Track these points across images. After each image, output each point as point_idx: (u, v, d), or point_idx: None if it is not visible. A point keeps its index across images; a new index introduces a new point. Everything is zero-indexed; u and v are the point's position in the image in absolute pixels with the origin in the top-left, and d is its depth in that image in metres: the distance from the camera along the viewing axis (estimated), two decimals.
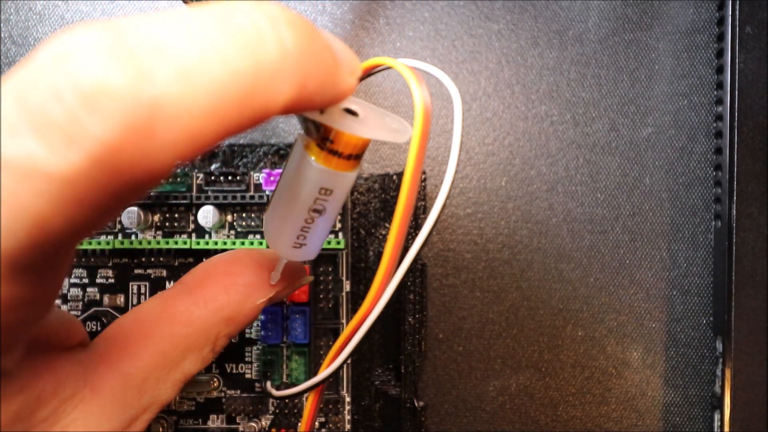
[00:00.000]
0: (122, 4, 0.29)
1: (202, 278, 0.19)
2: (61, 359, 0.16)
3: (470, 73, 0.29)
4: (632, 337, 0.28)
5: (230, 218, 0.25)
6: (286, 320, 0.25)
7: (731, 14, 0.26)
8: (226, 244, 0.25)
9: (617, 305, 0.28)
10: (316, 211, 0.16)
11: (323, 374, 0.18)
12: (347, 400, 0.26)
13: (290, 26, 0.12)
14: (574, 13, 0.29)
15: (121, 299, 0.26)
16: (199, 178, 0.25)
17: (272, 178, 0.25)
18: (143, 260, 0.26)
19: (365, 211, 0.27)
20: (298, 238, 0.17)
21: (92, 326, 0.25)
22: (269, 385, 0.24)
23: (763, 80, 0.26)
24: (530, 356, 0.28)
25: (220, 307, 0.18)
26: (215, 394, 0.26)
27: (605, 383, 0.28)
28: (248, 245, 0.25)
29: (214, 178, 0.25)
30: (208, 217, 0.25)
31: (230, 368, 0.26)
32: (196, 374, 0.18)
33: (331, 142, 0.15)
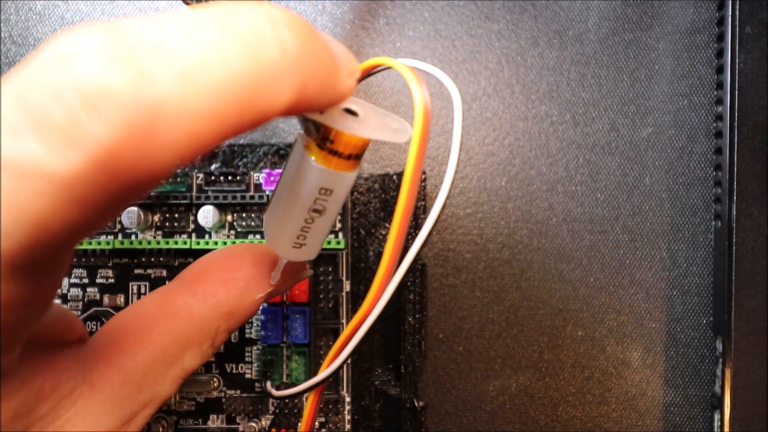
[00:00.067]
0: (122, 4, 0.29)
1: (201, 273, 0.19)
2: (59, 356, 0.15)
3: (470, 73, 0.29)
4: (632, 337, 0.28)
5: (230, 218, 0.25)
6: (286, 320, 0.25)
7: (731, 14, 0.26)
8: (226, 244, 0.25)
9: (617, 305, 0.28)
10: (316, 211, 0.16)
11: (323, 374, 0.18)
12: (347, 400, 0.26)
13: (290, 27, 0.12)
14: (574, 13, 0.29)
15: (121, 299, 0.26)
16: (199, 178, 0.25)
17: (272, 178, 0.25)
18: (143, 260, 0.26)
19: (365, 211, 0.27)
20: (298, 238, 0.17)
21: (92, 326, 0.25)
22: (269, 385, 0.24)
23: (763, 80, 0.26)
24: (530, 356, 0.28)
25: (219, 301, 0.18)
26: (215, 394, 0.26)
27: (605, 383, 0.28)
28: None
29: (214, 178, 0.25)
30: (208, 217, 0.25)
31: (230, 368, 0.26)
32: (196, 369, 0.18)
33: (331, 142, 0.15)
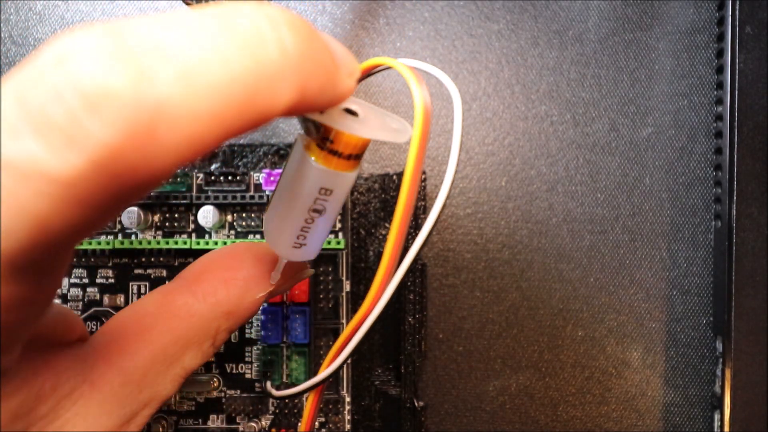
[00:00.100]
0: (122, 4, 0.29)
1: (200, 273, 0.18)
2: (59, 355, 0.15)
3: (470, 73, 0.29)
4: (632, 337, 0.28)
5: (230, 218, 0.25)
6: (286, 320, 0.25)
7: (731, 14, 0.26)
8: (226, 244, 0.25)
9: (617, 305, 0.28)
10: (316, 211, 0.16)
11: (323, 374, 0.18)
12: (347, 400, 0.26)
13: (290, 28, 0.12)
14: (574, 13, 0.29)
15: (121, 299, 0.26)
16: (199, 178, 0.25)
17: (272, 178, 0.25)
18: (143, 260, 0.26)
19: (365, 211, 0.27)
20: (298, 238, 0.17)
21: (92, 326, 0.25)
22: (269, 385, 0.24)
23: (763, 80, 0.26)
24: (530, 356, 0.28)
25: (219, 301, 0.18)
26: (215, 394, 0.26)
27: (605, 383, 0.28)
28: None
29: (214, 178, 0.25)
30: (208, 217, 0.25)
31: (230, 368, 0.26)
32: (197, 369, 0.18)
33: (331, 142, 0.15)
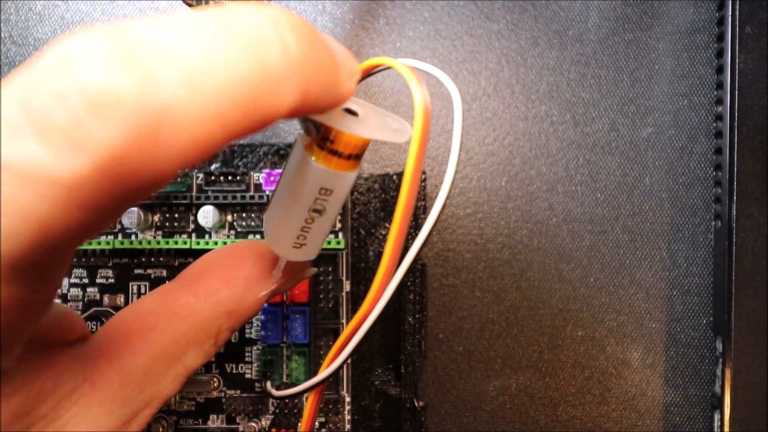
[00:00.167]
0: (122, 4, 0.29)
1: (202, 272, 0.18)
2: (60, 355, 0.15)
3: (470, 73, 0.29)
4: (632, 337, 0.28)
5: (230, 218, 0.25)
6: (286, 320, 0.25)
7: (731, 14, 0.26)
8: (226, 244, 0.25)
9: (617, 305, 0.28)
10: (316, 211, 0.16)
11: (323, 374, 0.18)
12: (347, 400, 0.26)
13: (293, 30, 0.12)
14: (574, 13, 0.29)
15: (121, 299, 0.26)
16: (199, 178, 0.25)
17: (272, 178, 0.25)
18: (143, 260, 0.26)
19: (365, 211, 0.27)
20: (298, 238, 0.17)
21: (92, 326, 0.25)
22: (269, 385, 0.24)
23: (763, 80, 0.26)
24: (530, 356, 0.28)
25: (221, 300, 0.18)
26: (215, 394, 0.26)
27: (605, 383, 0.28)
28: None
29: (214, 178, 0.25)
30: (208, 217, 0.25)
31: (230, 368, 0.26)
32: (198, 368, 0.18)
33: (331, 142, 0.15)
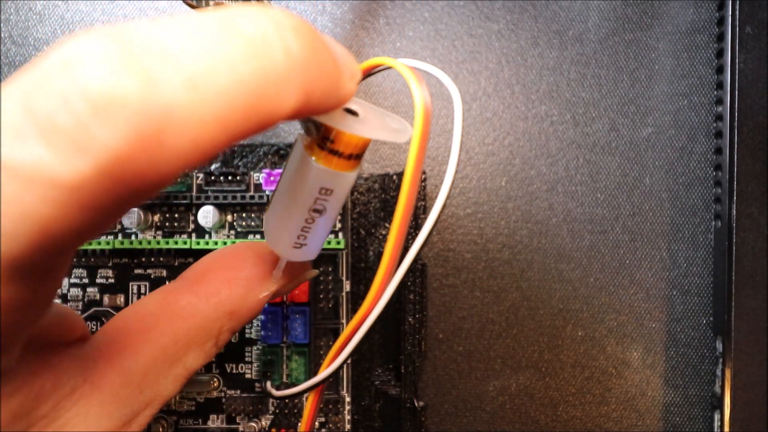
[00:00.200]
0: (122, 4, 0.29)
1: (203, 272, 0.18)
2: (60, 355, 0.15)
3: (470, 73, 0.29)
4: (632, 337, 0.28)
5: (230, 218, 0.25)
6: (286, 320, 0.25)
7: (731, 14, 0.26)
8: (226, 244, 0.25)
9: (617, 305, 0.28)
10: (316, 211, 0.16)
11: (323, 374, 0.18)
12: (347, 400, 0.26)
13: (295, 32, 0.12)
14: (574, 13, 0.29)
15: (121, 299, 0.26)
16: (199, 178, 0.25)
17: (272, 178, 0.25)
18: (143, 260, 0.26)
19: (365, 211, 0.27)
20: (298, 238, 0.17)
21: (92, 326, 0.25)
22: (269, 385, 0.24)
23: (763, 80, 0.26)
24: (530, 356, 0.28)
25: (222, 301, 0.18)
26: (215, 394, 0.26)
27: (605, 383, 0.28)
28: None
29: (214, 178, 0.25)
30: (208, 217, 0.25)
31: (230, 368, 0.26)
32: (199, 369, 0.18)
33: (331, 142, 0.15)
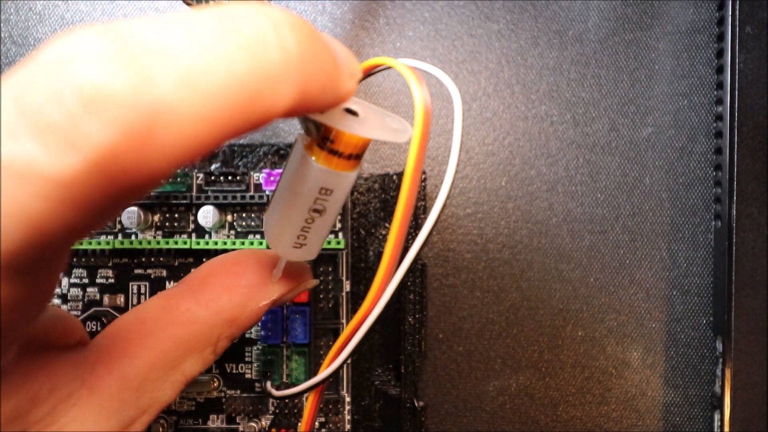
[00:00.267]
0: (122, 4, 0.29)
1: (204, 278, 0.18)
2: (57, 359, 0.15)
3: (470, 73, 0.29)
4: (632, 337, 0.28)
5: (230, 218, 0.25)
6: (286, 320, 0.25)
7: (731, 14, 0.26)
8: (226, 244, 0.25)
9: (617, 305, 0.28)
10: (316, 211, 0.16)
11: (323, 374, 0.18)
12: (347, 400, 0.26)
13: (292, 30, 0.12)
14: (574, 13, 0.29)
15: (121, 299, 0.26)
16: (199, 178, 0.25)
17: (272, 178, 0.25)
18: (143, 260, 0.26)
19: (365, 211, 0.27)
20: (298, 238, 0.17)
21: (92, 326, 0.25)
22: (269, 385, 0.24)
23: (763, 80, 0.26)
24: (530, 356, 0.28)
25: (221, 308, 0.18)
26: (215, 394, 0.26)
27: (605, 383, 0.28)
28: (248, 245, 0.25)
29: (214, 178, 0.25)
30: (208, 217, 0.25)
31: (230, 368, 0.26)
32: (197, 375, 0.18)
33: (331, 142, 0.15)
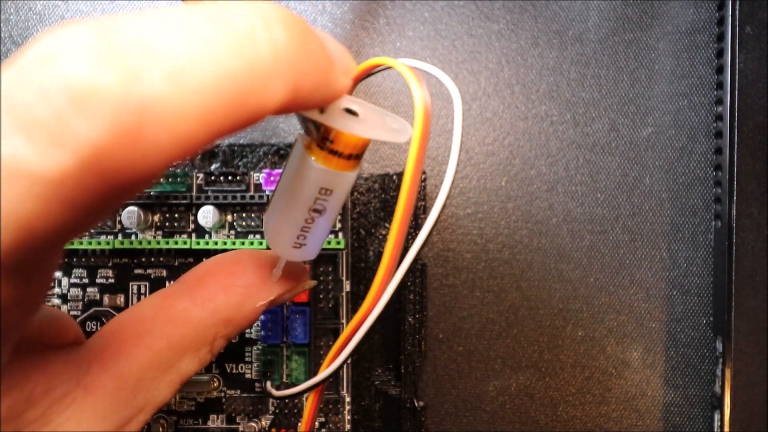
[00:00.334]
0: (122, 3, 0.29)
1: (202, 277, 0.18)
2: (52, 358, 0.15)
3: (470, 73, 0.29)
4: (632, 337, 0.28)
5: (230, 218, 0.25)
6: (286, 320, 0.25)
7: (731, 14, 0.26)
8: (226, 244, 0.25)
9: (617, 305, 0.28)
10: (316, 211, 0.16)
11: (323, 374, 0.18)
12: (347, 400, 0.26)
13: (284, 26, 0.12)
14: (574, 13, 0.29)
15: (121, 299, 0.26)
16: (199, 178, 0.25)
17: (272, 178, 0.25)
18: (143, 260, 0.26)
19: (365, 211, 0.27)
20: (298, 238, 0.17)
21: (92, 326, 0.25)
22: (269, 385, 0.24)
23: (763, 80, 0.26)
24: (530, 356, 0.28)
25: (218, 308, 0.18)
26: (215, 394, 0.26)
27: (605, 383, 0.28)
28: (248, 245, 0.25)
29: (214, 178, 0.25)
30: (208, 217, 0.25)
31: (230, 368, 0.26)
32: (193, 375, 0.18)
33: (331, 142, 0.15)
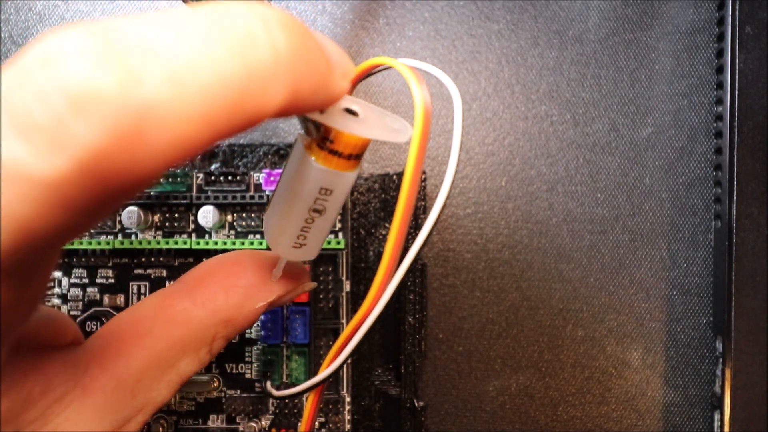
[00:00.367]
0: (122, 4, 0.29)
1: (202, 278, 0.18)
2: (50, 359, 0.15)
3: (470, 73, 0.29)
4: (632, 337, 0.28)
5: (230, 218, 0.25)
6: (286, 320, 0.25)
7: (731, 14, 0.26)
8: (226, 244, 0.25)
9: (617, 305, 0.28)
10: (316, 211, 0.16)
11: (323, 374, 0.18)
12: (347, 400, 0.26)
13: (283, 29, 0.12)
14: (574, 13, 0.29)
15: (121, 299, 0.26)
16: (199, 178, 0.25)
17: (272, 178, 0.25)
18: (143, 260, 0.26)
19: (365, 211, 0.27)
20: (298, 238, 0.17)
21: (92, 326, 0.25)
22: (269, 385, 0.24)
23: (763, 80, 0.26)
24: (530, 356, 0.28)
25: (218, 308, 0.18)
26: (215, 394, 0.26)
27: (605, 383, 0.28)
28: (248, 245, 0.25)
29: (214, 178, 0.25)
30: (208, 217, 0.25)
31: (230, 368, 0.26)
32: (192, 375, 0.18)
33: (331, 142, 0.15)
